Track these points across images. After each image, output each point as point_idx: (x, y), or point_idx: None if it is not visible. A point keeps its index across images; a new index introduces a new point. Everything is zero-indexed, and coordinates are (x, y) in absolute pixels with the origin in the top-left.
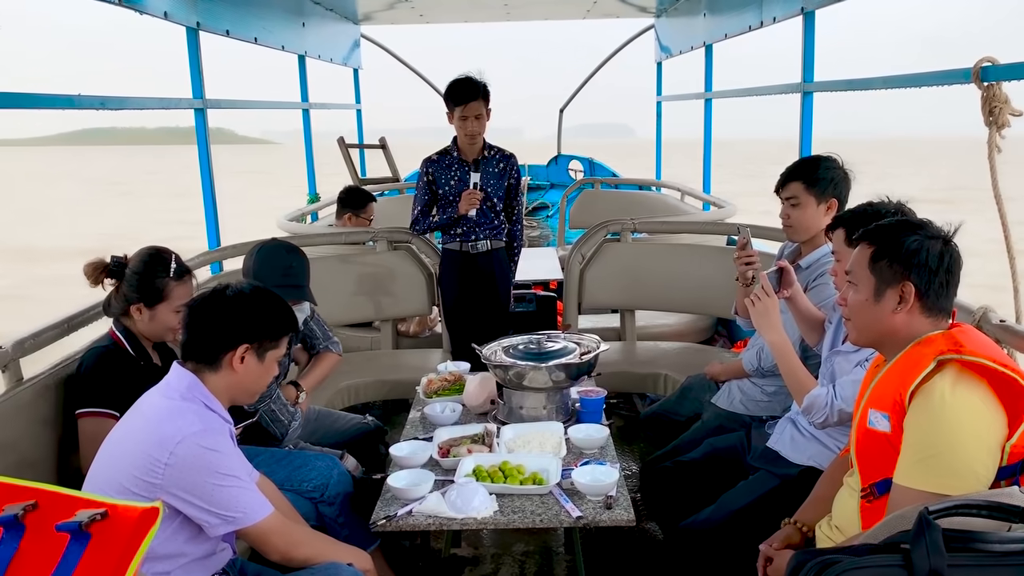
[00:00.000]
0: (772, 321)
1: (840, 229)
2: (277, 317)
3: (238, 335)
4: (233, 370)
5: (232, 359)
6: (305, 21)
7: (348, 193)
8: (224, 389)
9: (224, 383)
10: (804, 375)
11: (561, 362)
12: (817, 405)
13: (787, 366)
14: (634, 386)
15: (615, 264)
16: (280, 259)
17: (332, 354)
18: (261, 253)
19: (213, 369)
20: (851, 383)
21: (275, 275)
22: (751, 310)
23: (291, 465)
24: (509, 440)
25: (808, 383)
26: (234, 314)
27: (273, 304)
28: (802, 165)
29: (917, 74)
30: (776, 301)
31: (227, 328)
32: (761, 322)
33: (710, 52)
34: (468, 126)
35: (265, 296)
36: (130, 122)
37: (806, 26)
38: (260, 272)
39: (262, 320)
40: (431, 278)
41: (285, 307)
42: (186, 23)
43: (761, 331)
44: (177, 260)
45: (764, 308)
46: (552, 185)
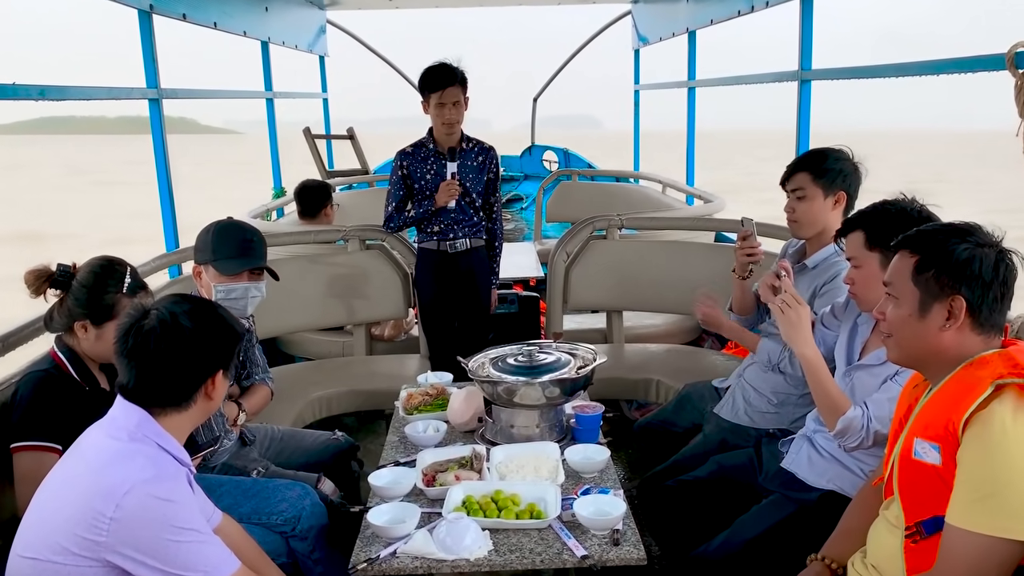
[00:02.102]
0: (804, 333)
1: (858, 232)
2: (233, 323)
3: (211, 365)
4: (209, 400)
5: (206, 391)
6: (268, 6)
7: (300, 196)
8: (187, 425)
9: (191, 417)
10: (838, 395)
11: (555, 377)
12: (853, 428)
13: (820, 384)
14: (625, 393)
15: (602, 262)
16: (239, 233)
17: (267, 388)
18: (219, 229)
19: (179, 409)
20: (887, 401)
21: (235, 249)
22: (779, 320)
23: (258, 496)
24: (500, 463)
25: (842, 404)
26: (203, 342)
27: (223, 311)
28: (809, 156)
29: (938, 61)
30: (808, 310)
31: (200, 362)
32: (792, 334)
33: (693, 39)
34: (446, 113)
35: (212, 306)
36: (89, 111)
37: (804, 10)
38: (219, 248)
39: (227, 333)
40: (407, 279)
41: (223, 309)
42: (138, 6)
43: (792, 343)
44: (132, 274)
45: (796, 318)
46: (526, 176)
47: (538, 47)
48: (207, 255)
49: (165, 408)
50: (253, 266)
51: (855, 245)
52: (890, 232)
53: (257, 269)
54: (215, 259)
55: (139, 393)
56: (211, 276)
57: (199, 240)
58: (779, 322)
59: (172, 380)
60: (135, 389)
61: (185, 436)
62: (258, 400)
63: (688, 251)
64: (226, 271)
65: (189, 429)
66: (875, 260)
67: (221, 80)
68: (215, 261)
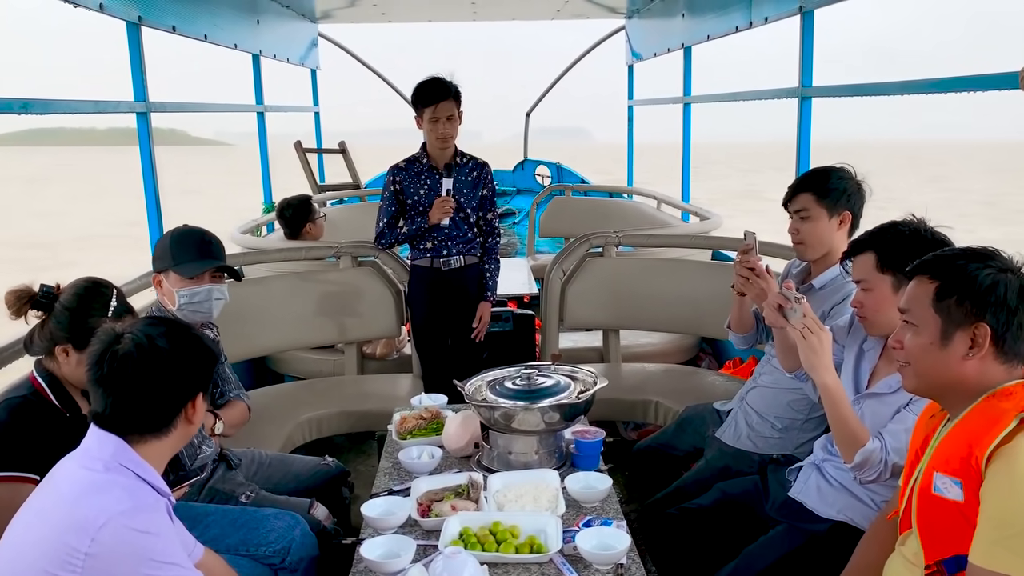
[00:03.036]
0: (825, 360)
1: (869, 254)
2: (210, 344)
3: (191, 388)
4: (189, 424)
5: (186, 415)
6: (260, 18)
7: (280, 215)
8: (168, 450)
9: (170, 444)
10: (858, 426)
11: (555, 402)
12: (872, 461)
13: (839, 415)
14: (622, 415)
15: (598, 280)
16: (196, 236)
17: (243, 403)
18: (176, 236)
19: (158, 436)
20: (903, 432)
21: (195, 252)
22: (800, 345)
23: (246, 526)
24: (498, 492)
25: (862, 436)
26: (181, 364)
27: (193, 330)
28: (812, 175)
29: (947, 79)
30: (830, 335)
31: (179, 385)
32: (814, 361)
33: (689, 54)
34: (440, 128)
35: (186, 327)
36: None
37: (804, 26)
38: (178, 253)
39: (204, 354)
40: (399, 296)
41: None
42: (126, 17)
43: (813, 371)
44: (119, 297)
45: (819, 344)
46: (518, 191)
47: (531, 60)
48: (166, 261)
49: (143, 435)
50: (215, 266)
51: (865, 267)
52: (903, 255)
53: (218, 270)
54: (175, 264)
55: (115, 420)
56: (172, 282)
57: (157, 249)
58: (800, 348)
59: (150, 405)
60: (111, 416)
61: (164, 464)
62: (235, 414)
63: (686, 269)
64: (188, 273)
65: (169, 456)
66: (887, 283)
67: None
68: (175, 266)
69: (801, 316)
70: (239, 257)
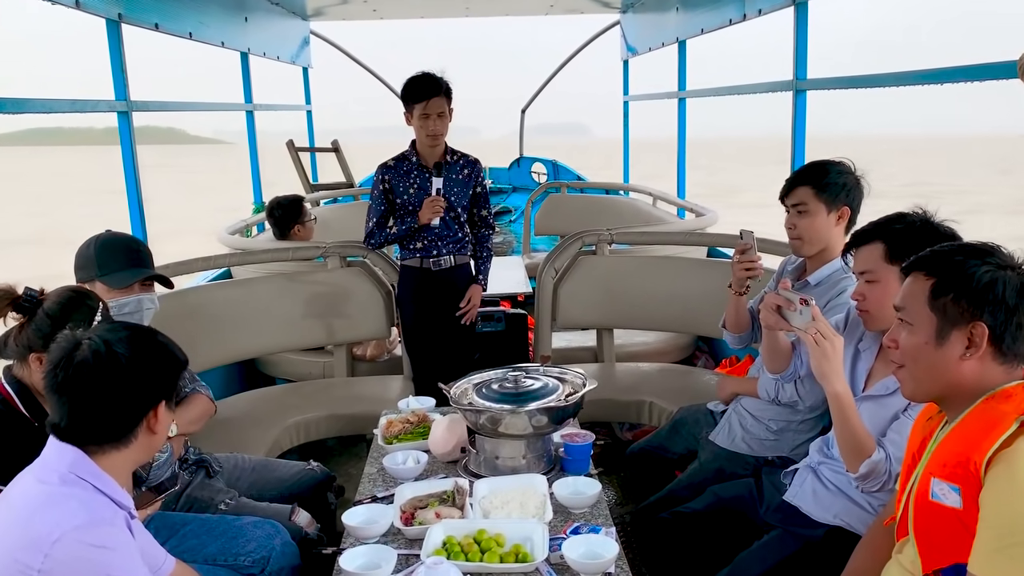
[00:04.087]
0: (837, 367)
1: (877, 244)
2: (175, 350)
3: (152, 396)
4: (152, 434)
5: (148, 424)
6: (248, 16)
7: (269, 215)
8: (130, 461)
9: (132, 455)
10: (865, 437)
11: (543, 405)
12: (877, 472)
13: (848, 424)
14: (616, 416)
15: (591, 279)
16: (124, 243)
17: (203, 396)
18: (102, 243)
19: (118, 446)
20: (904, 443)
21: (124, 261)
22: (812, 352)
23: (225, 535)
24: (484, 499)
25: (868, 446)
26: (141, 372)
27: (164, 338)
28: (810, 169)
29: (943, 69)
30: (842, 341)
31: (139, 393)
32: (825, 368)
33: (683, 49)
34: (430, 125)
35: (150, 332)
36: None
37: (798, 19)
38: (106, 263)
39: (167, 360)
40: (389, 296)
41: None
42: (105, 15)
43: (824, 379)
44: (104, 311)
45: (831, 350)
46: (514, 188)
47: (529, 56)
48: (91, 271)
49: (102, 446)
50: (145, 276)
51: (872, 258)
52: (913, 246)
53: (148, 279)
54: (102, 274)
55: (73, 431)
56: (101, 293)
57: (79, 258)
58: (811, 355)
59: (109, 415)
60: (68, 427)
61: (127, 476)
62: (195, 409)
63: (680, 267)
64: (117, 284)
65: (131, 467)
66: (894, 275)
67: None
68: (103, 276)
69: (811, 319)
70: (225, 258)
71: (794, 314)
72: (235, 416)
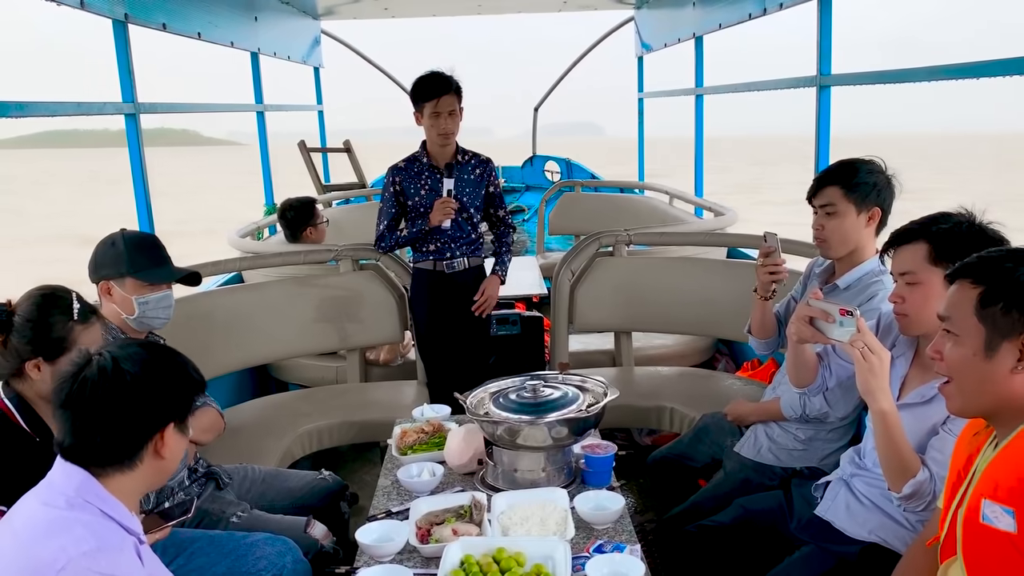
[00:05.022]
0: (884, 383)
1: (921, 243)
2: (190, 370)
3: (159, 417)
4: (159, 458)
5: (155, 448)
6: (258, 15)
7: (281, 218)
8: (139, 486)
9: (142, 478)
10: (910, 456)
11: (563, 416)
12: (922, 493)
13: (893, 444)
14: (636, 421)
15: (609, 281)
16: (150, 240)
17: (213, 410)
18: (129, 241)
19: (123, 468)
20: (947, 462)
21: (157, 258)
22: (858, 367)
23: (234, 553)
24: (502, 514)
25: (913, 465)
26: (148, 391)
27: (178, 356)
28: (839, 168)
29: (976, 63)
30: (888, 356)
31: (143, 413)
32: (872, 384)
33: (700, 44)
34: (441, 124)
35: (166, 351)
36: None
37: (822, 11)
38: (137, 259)
39: (180, 380)
40: (402, 300)
41: (182, 357)
42: (111, 15)
43: (869, 396)
44: (79, 299)
45: (879, 365)
46: (528, 187)
47: (541, 54)
48: (122, 267)
49: (107, 468)
50: (182, 274)
51: (915, 258)
52: (959, 247)
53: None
54: (135, 270)
55: (78, 451)
56: (130, 289)
57: (103, 255)
58: (858, 370)
59: (112, 434)
60: (73, 447)
61: (136, 500)
62: (205, 421)
63: (700, 268)
64: (157, 280)
65: (140, 492)
66: (938, 277)
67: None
68: (136, 273)
69: (855, 331)
70: (235, 262)
71: (832, 326)
72: (246, 425)
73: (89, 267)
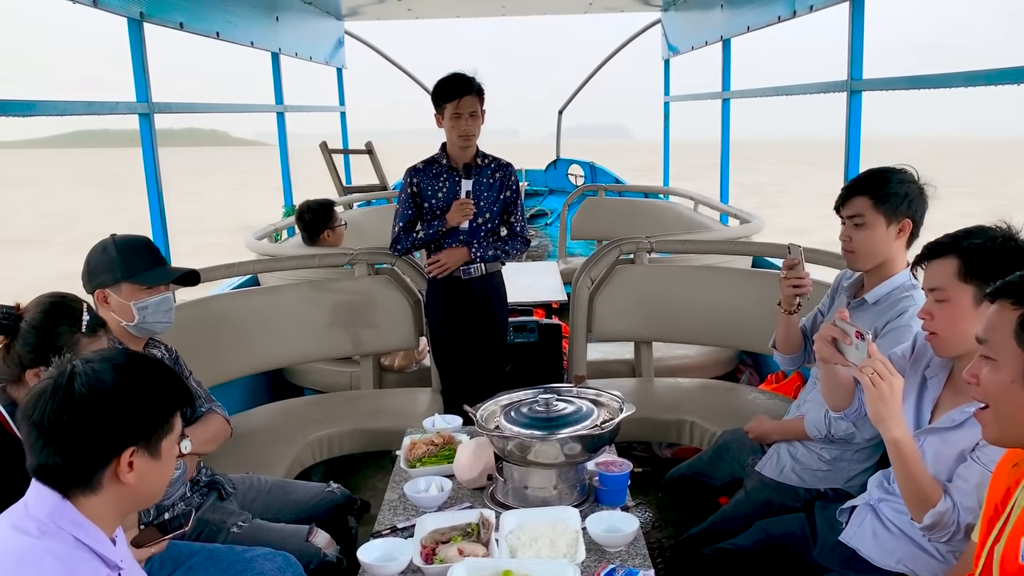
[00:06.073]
0: (895, 410)
1: (951, 258)
2: (161, 390)
3: (116, 440)
4: (121, 484)
5: (116, 472)
6: (280, 15)
7: (299, 219)
8: (111, 510)
9: (111, 503)
10: (929, 485)
11: (576, 432)
12: (944, 524)
13: (909, 473)
14: (656, 435)
15: (629, 289)
16: (142, 243)
17: (219, 416)
18: (122, 245)
19: (86, 492)
20: (973, 489)
21: (151, 260)
22: (868, 394)
23: (234, 567)
24: (511, 534)
25: (933, 495)
26: (100, 410)
27: (150, 373)
28: (869, 177)
29: (1012, 69)
30: (902, 381)
31: (91, 439)
32: (882, 412)
33: (728, 47)
34: (462, 125)
35: (136, 365)
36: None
37: (854, 14)
38: (132, 263)
39: (145, 403)
40: (418, 305)
41: (165, 373)
42: (127, 14)
43: (880, 423)
44: (89, 310)
45: (889, 392)
46: (551, 191)
47: (567, 55)
48: (118, 273)
49: (70, 490)
50: (180, 273)
51: (944, 274)
52: (994, 265)
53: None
54: (129, 275)
55: (44, 472)
56: (127, 294)
57: (95, 263)
58: (867, 397)
59: (63, 457)
60: (37, 468)
61: (113, 525)
62: (210, 429)
63: (724, 277)
64: (152, 282)
65: (116, 516)
66: (968, 295)
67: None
68: (131, 277)
69: (866, 356)
70: (249, 265)
71: (850, 348)
72: (256, 431)
73: (83, 277)
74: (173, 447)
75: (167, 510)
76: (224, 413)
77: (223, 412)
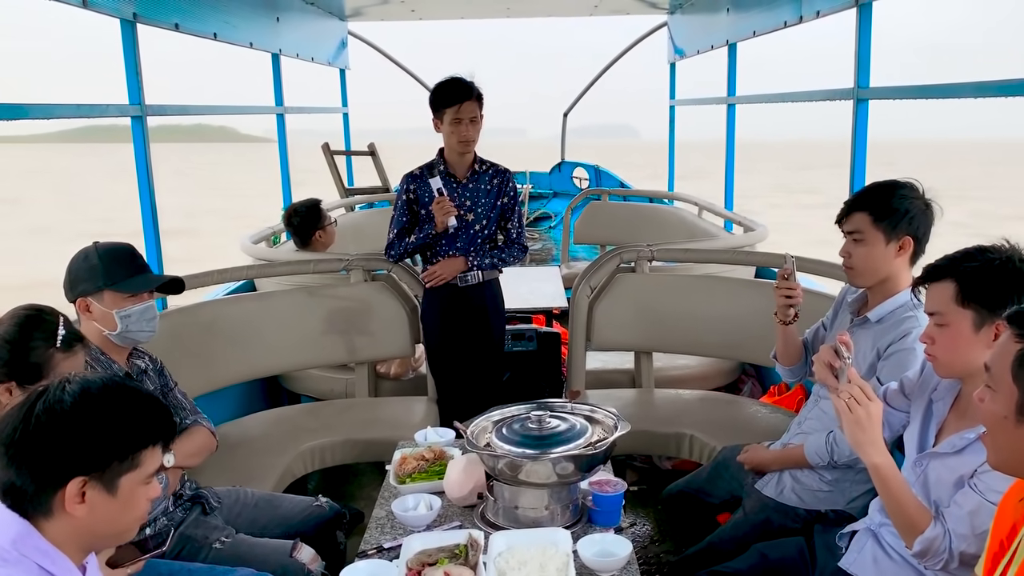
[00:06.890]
0: (873, 435)
1: (948, 282)
2: (128, 424)
3: (63, 465)
4: (69, 515)
5: (63, 502)
6: (280, 16)
7: (288, 223)
8: (71, 537)
9: (68, 533)
10: (915, 510)
11: (568, 451)
12: (934, 550)
13: (893, 499)
14: (655, 448)
15: (629, 298)
16: (125, 250)
17: (205, 429)
18: (104, 253)
19: (47, 516)
20: (966, 517)
21: (132, 267)
22: (844, 418)
23: None
24: (499, 557)
25: (921, 521)
26: (54, 436)
27: (122, 404)
28: (871, 192)
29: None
30: (880, 407)
31: (45, 459)
32: (859, 437)
33: (734, 51)
34: (462, 130)
35: (109, 393)
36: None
37: (861, 21)
38: (114, 271)
39: (101, 432)
40: (414, 312)
41: (143, 406)
42: (119, 14)
43: (859, 448)
44: (66, 324)
45: (866, 418)
46: (555, 194)
47: (573, 57)
48: (97, 282)
49: (33, 514)
50: (164, 279)
51: (942, 298)
52: (991, 288)
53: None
54: (112, 283)
55: (9, 492)
56: (109, 303)
57: (76, 271)
58: (844, 422)
59: (23, 476)
60: (6, 486)
61: (81, 550)
62: (195, 442)
63: (726, 287)
64: (134, 289)
65: (80, 542)
66: (967, 319)
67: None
68: (113, 285)
69: (846, 381)
70: (242, 270)
71: (841, 371)
72: (246, 441)
73: (64, 285)
74: (138, 487)
75: (148, 526)
76: (210, 425)
77: (209, 424)
